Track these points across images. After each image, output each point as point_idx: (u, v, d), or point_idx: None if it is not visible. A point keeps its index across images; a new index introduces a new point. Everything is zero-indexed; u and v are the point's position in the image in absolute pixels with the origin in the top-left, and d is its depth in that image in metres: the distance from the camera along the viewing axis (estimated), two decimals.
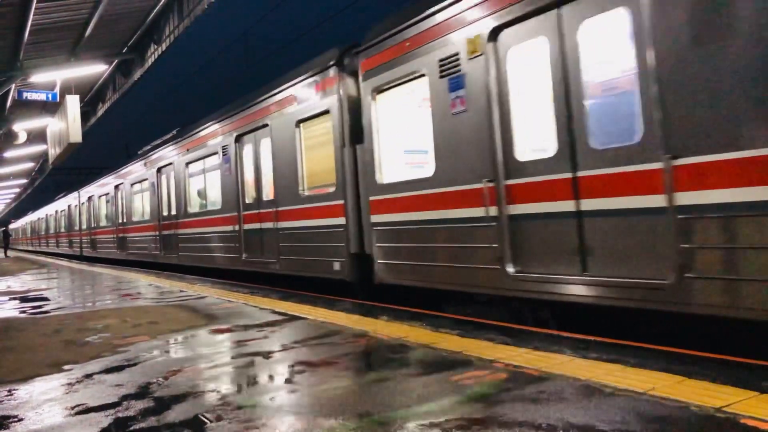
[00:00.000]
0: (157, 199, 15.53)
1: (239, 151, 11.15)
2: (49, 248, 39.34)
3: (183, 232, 14.02)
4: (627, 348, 4.14)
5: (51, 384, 4.24)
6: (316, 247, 8.66)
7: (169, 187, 14.73)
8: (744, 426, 2.63)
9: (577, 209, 4.89)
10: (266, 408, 3.33)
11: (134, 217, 18.08)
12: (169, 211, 14.83)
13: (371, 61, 7.35)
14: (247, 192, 10.98)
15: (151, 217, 16.09)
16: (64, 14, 13.27)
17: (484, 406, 3.09)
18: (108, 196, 21.45)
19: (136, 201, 17.85)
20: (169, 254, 15.25)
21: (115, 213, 20.50)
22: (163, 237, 15.40)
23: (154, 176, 15.64)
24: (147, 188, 16.50)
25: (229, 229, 11.52)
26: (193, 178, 13.58)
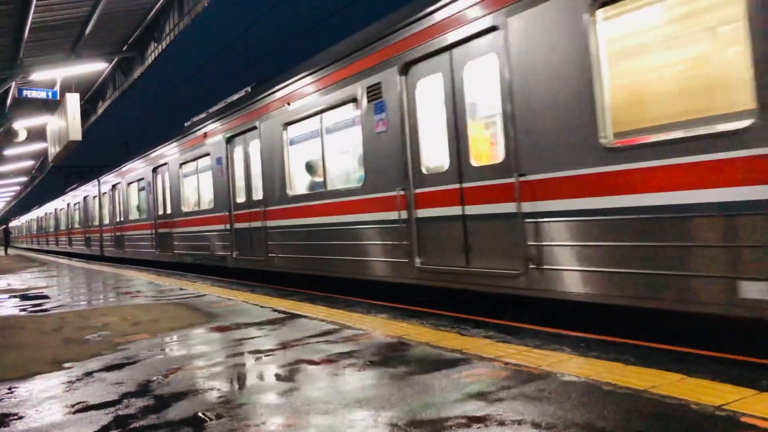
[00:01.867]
0: (227, 180, 11.72)
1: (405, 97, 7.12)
2: (59, 247, 35.28)
3: (286, 225, 9.57)
4: (627, 346, 4.14)
5: (51, 382, 4.24)
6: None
7: (250, 162, 10.79)
8: (743, 424, 2.64)
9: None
10: (266, 406, 3.33)
11: (183, 207, 14.34)
12: (250, 197, 10.89)
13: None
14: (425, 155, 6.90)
15: (215, 205, 12.28)
16: (64, 12, 13.25)
17: (483, 404, 3.09)
18: (142, 182, 17.55)
19: (188, 186, 14.32)
20: (250, 256, 10.83)
21: (153, 203, 16.40)
22: (240, 233, 11.31)
23: (222, 149, 11.80)
24: (207, 167, 12.75)
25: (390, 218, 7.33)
26: (299, 146, 9.51)
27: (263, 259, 10.22)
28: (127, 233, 19.62)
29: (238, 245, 11.30)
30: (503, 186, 5.62)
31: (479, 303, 6.43)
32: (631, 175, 4.42)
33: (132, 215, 19.11)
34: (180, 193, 14.43)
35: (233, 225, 11.42)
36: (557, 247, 5.08)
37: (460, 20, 5.91)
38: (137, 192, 18.42)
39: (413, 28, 6.60)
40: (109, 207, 21.98)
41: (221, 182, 11.80)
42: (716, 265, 3.95)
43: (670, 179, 4.18)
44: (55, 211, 36.49)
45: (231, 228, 11.48)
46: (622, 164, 4.50)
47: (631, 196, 4.43)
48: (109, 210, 21.87)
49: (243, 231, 11.06)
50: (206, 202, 12.95)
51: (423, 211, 6.68)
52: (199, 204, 13.39)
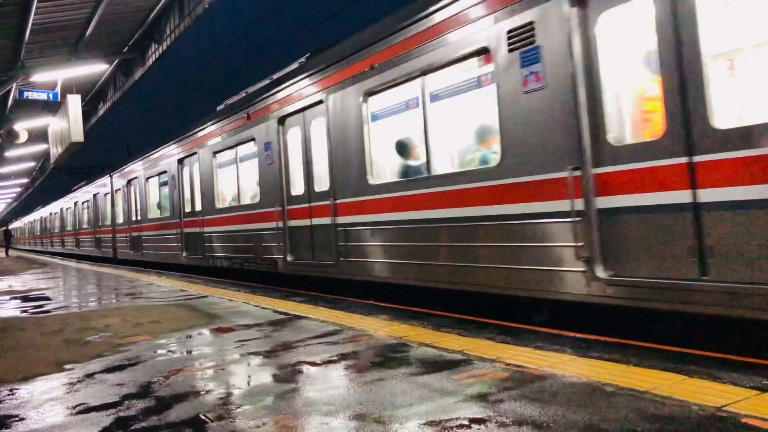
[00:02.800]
0: (279, 169, 9.60)
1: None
2: (65, 249, 32.79)
3: (369, 222, 7.62)
4: (628, 347, 4.14)
5: (52, 383, 4.24)
6: None
7: (311, 145, 8.92)
8: (745, 425, 2.63)
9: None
10: (267, 407, 3.33)
11: (218, 203, 12.36)
12: (311, 187, 8.91)
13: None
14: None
15: (262, 200, 10.25)
16: (65, 14, 13.26)
17: (484, 405, 3.09)
18: (164, 176, 15.42)
19: (224, 178, 12.34)
20: (312, 260, 8.93)
21: (178, 199, 14.30)
22: (297, 231, 9.30)
23: (273, 132, 9.76)
24: (251, 155, 10.92)
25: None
26: (385, 121, 7.92)
27: (332, 264, 8.20)
28: (146, 234, 17.14)
29: (293, 247, 9.37)
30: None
31: (480, 304, 6.42)
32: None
33: (152, 213, 16.85)
34: (214, 187, 12.25)
35: (286, 222, 9.46)
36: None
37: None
38: (158, 187, 16.22)
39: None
40: (123, 205, 19.49)
41: (271, 172, 9.79)
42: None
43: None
44: (60, 210, 33.88)
45: (284, 226, 9.47)
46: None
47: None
48: (124, 208, 19.39)
49: (301, 230, 9.10)
50: (249, 196, 11.07)
51: (612, 199, 4.73)
52: (239, 198, 11.38)
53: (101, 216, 23.05)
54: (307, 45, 34.13)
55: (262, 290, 9.20)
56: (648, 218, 4.47)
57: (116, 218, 20.79)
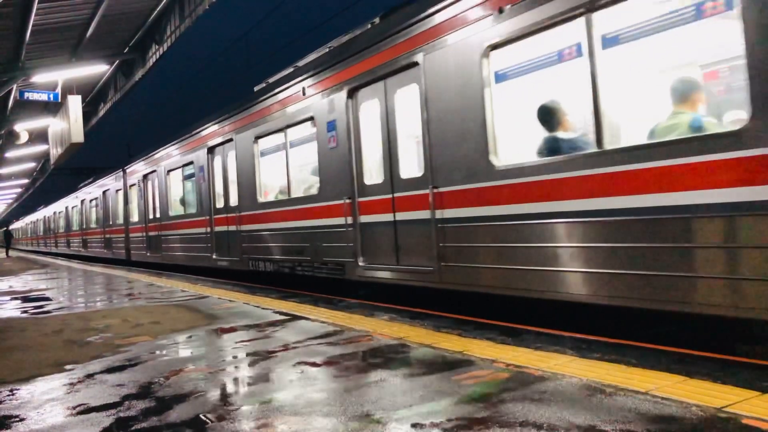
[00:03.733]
0: (348, 153, 7.93)
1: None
2: (71, 250, 30.85)
3: (482, 216, 6.02)
4: (628, 348, 4.14)
5: (52, 384, 4.25)
6: None
7: (393, 125, 7.26)
8: (745, 426, 2.63)
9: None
10: (267, 408, 3.33)
11: (260, 197, 10.56)
12: (393, 175, 7.26)
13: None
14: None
15: (323, 191, 8.58)
16: (65, 14, 13.28)
17: (485, 406, 3.09)
18: (190, 168, 13.69)
19: (268, 167, 10.65)
20: (406, 264, 7.10)
21: (208, 193, 12.61)
22: (371, 229, 7.67)
23: (338, 109, 8.12)
24: (306, 138, 9.45)
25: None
26: (516, 82, 5.95)
27: (431, 271, 6.51)
28: (167, 233, 15.31)
29: (367, 248, 7.70)
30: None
31: (480, 304, 6.42)
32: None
33: (174, 210, 15.01)
34: (255, 178, 10.53)
35: (357, 218, 7.82)
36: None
37: None
38: (182, 180, 14.32)
39: None
40: (139, 201, 17.65)
41: (335, 157, 8.18)
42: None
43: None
44: (66, 209, 31.83)
45: (354, 222, 7.88)
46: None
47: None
48: (140, 205, 17.61)
49: (378, 227, 7.45)
50: (303, 188, 9.63)
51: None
52: (288, 191, 9.72)
53: (112, 214, 21.31)
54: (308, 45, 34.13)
55: (262, 291, 9.20)
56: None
57: (130, 216, 18.96)
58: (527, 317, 5.78)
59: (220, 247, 12.16)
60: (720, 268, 4.04)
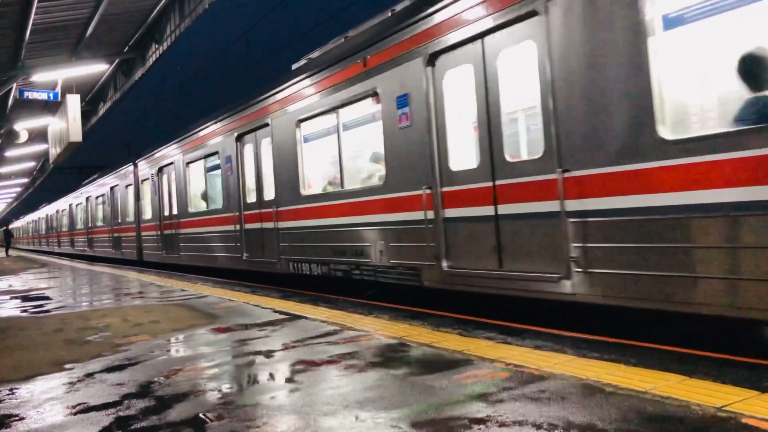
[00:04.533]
0: (429, 134, 6.58)
1: None
2: (75, 249, 29.45)
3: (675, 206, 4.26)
4: (628, 347, 4.14)
5: (52, 383, 4.25)
6: None
7: (494, 94, 5.88)
8: (745, 425, 2.63)
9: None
10: (267, 407, 3.33)
11: (303, 189, 9.21)
12: (493, 157, 5.91)
13: None
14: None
15: (389, 181, 7.23)
16: (65, 13, 13.27)
17: (485, 405, 3.09)
18: (214, 159, 12.32)
19: (313, 156, 9.39)
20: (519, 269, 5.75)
21: (237, 187, 11.21)
22: (456, 225, 6.36)
23: (417, 80, 6.68)
24: (364, 120, 8.29)
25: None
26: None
27: (558, 277, 5.08)
28: (186, 231, 13.91)
29: (452, 248, 6.32)
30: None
31: (479, 304, 6.42)
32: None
33: (194, 206, 13.65)
34: (297, 168, 9.18)
35: (440, 211, 6.40)
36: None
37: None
38: (204, 173, 13.00)
39: None
40: (153, 197, 16.24)
41: (406, 139, 6.86)
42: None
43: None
44: (69, 207, 30.25)
45: (436, 217, 6.42)
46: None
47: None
48: (154, 201, 16.19)
49: (469, 222, 6.12)
50: (361, 178, 8.32)
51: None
52: (342, 181, 8.28)
53: (122, 212, 19.74)
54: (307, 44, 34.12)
55: (262, 290, 9.19)
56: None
57: (142, 213, 17.55)
58: (527, 317, 5.78)
59: (251, 246, 10.72)
60: None
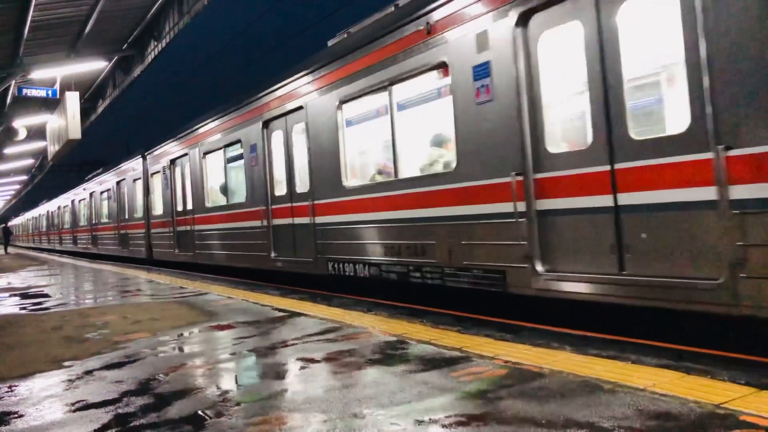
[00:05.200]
0: (518, 109, 5.52)
1: None
2: (78, 247, 28.18)
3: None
4: (627, 344, 4.15)
5: (51, 380, 4.25)
6: None
7: (614, 52, 4.76)
8: (743, 422, 2.64)
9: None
10: (266, 404, 3.33)
11: (345, 179, 8.11)
12: (611, 133, 4.79)
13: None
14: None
15: (461, 168, 6.25)
16: (64, 10, 13.24)
17: (483, 403, 3.09)
18: (235, 148, 11.35)
19: (362, 140, 8.48)
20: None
21: (264, 178, 10.10)
22: (562, 219, 5.26)
23: (505, 41, 5.60)
24: (423, 97, 7.40)
25: None
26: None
27: (716, 287, 4.06)
28: (202, 228, 12.83)
29: (552, 246, 5.28)
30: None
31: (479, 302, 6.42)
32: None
33: (212, 200, 12.60)
34: (338, 156, 8.08)
35: (533, 203, 5.39)
36: None
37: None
38: (223, 164, 11.90)
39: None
40: (164, 191, 15.29)
41: (481, 117, 5.86)
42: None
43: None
44: (72, 203, 29.01)
45: (528, 210, 5.41)
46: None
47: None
48: (165, 196, 15.24)
49: (581, 215, 5.03)
50: (420, 165, 7.15)
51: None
52: (396, 170, 7.21)
53: (129, 207, 18.71)
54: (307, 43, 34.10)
55: (261, 287, 9.19)
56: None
57: (152, 209, 16.52)
58: (526, 314, 5.79)
59: (281, 244, 9.65)
60: None
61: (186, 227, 13.85)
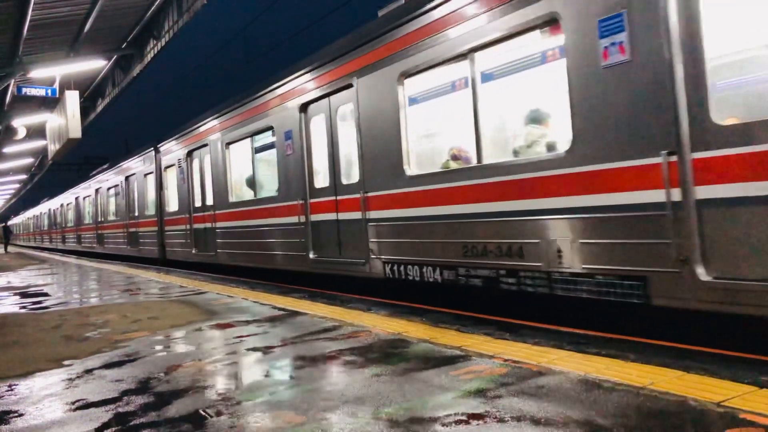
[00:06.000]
0: (670, 66, 4.32)
1: None
2: (82, 246, 26.89)
3: None
4: (626, 343, 4.15)
5: (51, 379, 4.25)
6: None
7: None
8: (742, 420, 2.64)
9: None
10: (266, 403, 3.33)
11: (409, 167, 7.03)
12: None
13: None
14: None
15: (577, 146, 5.02)
16: (63, 9, 13.25)
17: (483, 401, 3.09)
18: (266, 135, 10.29)
19: (435, 120, 7.51)
20: None
21: (301, 169, 9.05)
22: (724, 210, 4.08)
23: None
24: (522, 63, 6.27)
25: None
26: None
27: None
28: (225, 225, 11.75)
29: (718, 249, 4.14)
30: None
31: (478, 300, 6.43)
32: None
33: (237, 195, 11.60)
34: (398, 141, 6.94)
35: (691, 192, 4.26)
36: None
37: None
38: (251, 154, 10.73)
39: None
40: (180, 186, 14.25)
41: (623, 81, 4.64)
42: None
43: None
44: (76, 201, 27.98)
45: (686, 201, 4.28)
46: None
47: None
48: (181, 190, 14.16)
49: (754, 205, 3.94)
50: (513, 147, 6.16)
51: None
52: (478, 154, 6.07)
53: (139, 204, 17.62)
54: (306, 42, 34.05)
55: (261, 286, 9.19)
56: None
57: (166, 205, 15.44)
58: (525, 313, 5.79)
59: (323, 243, 8.62)
60: None
61: (206, 224, 12.79)
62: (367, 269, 7.55)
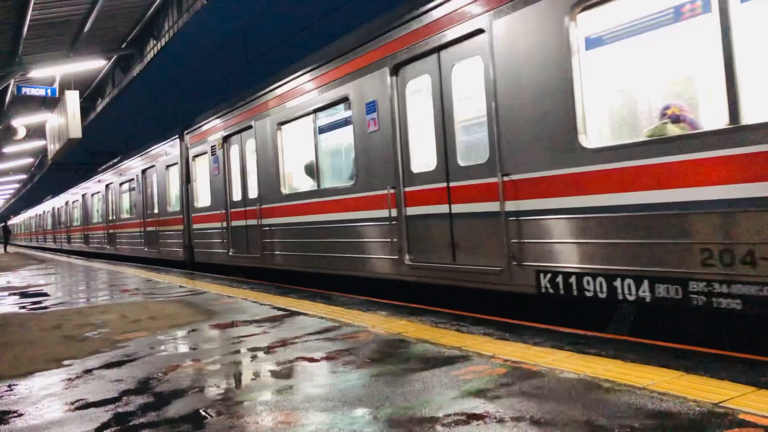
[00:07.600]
0: None
1: None
2: (89, 247, 25.25)
3: None
4: (626, 343, 4.15)
5: (51, 379, 4.25)
6: None
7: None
8: (742, 421, 2.64)
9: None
10: (266, 403, 3.34)
11: (587, 139, 4.88)
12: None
13: None
14: None
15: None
16: (63, 9, 13.24)
17: (482, 401, 3.09)
18: (335, 111, 8.55)
19: (601, 80, 5.08)
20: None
21: (392, 152, 7.09)
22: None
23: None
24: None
25: None
26: None
27: None
28: (275, 222, 9.85)
29: None
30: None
31: (478, 300, 6.43)
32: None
33: (292, 186, 9.76)
34: (567, 102, 4.94)
35: None
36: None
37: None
38: (313, 136, 8.78)
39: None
40: (213, 178, 12.23)
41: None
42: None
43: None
44: (83, 198, 26.07)
45: None
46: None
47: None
48: (215, 183, 12.18)
49: None
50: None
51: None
52: (736, 108, 3.85)
53: (159, 200, 15.62)
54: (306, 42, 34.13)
55: (261, 287, 9.19)
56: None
57: (195, 201, 13.48)
58: (525, 313, 5.79)
59: (423, 243, 6.75)
60: None
61: (248, 222, 10.87)
62: (505, 279, 5.62)
